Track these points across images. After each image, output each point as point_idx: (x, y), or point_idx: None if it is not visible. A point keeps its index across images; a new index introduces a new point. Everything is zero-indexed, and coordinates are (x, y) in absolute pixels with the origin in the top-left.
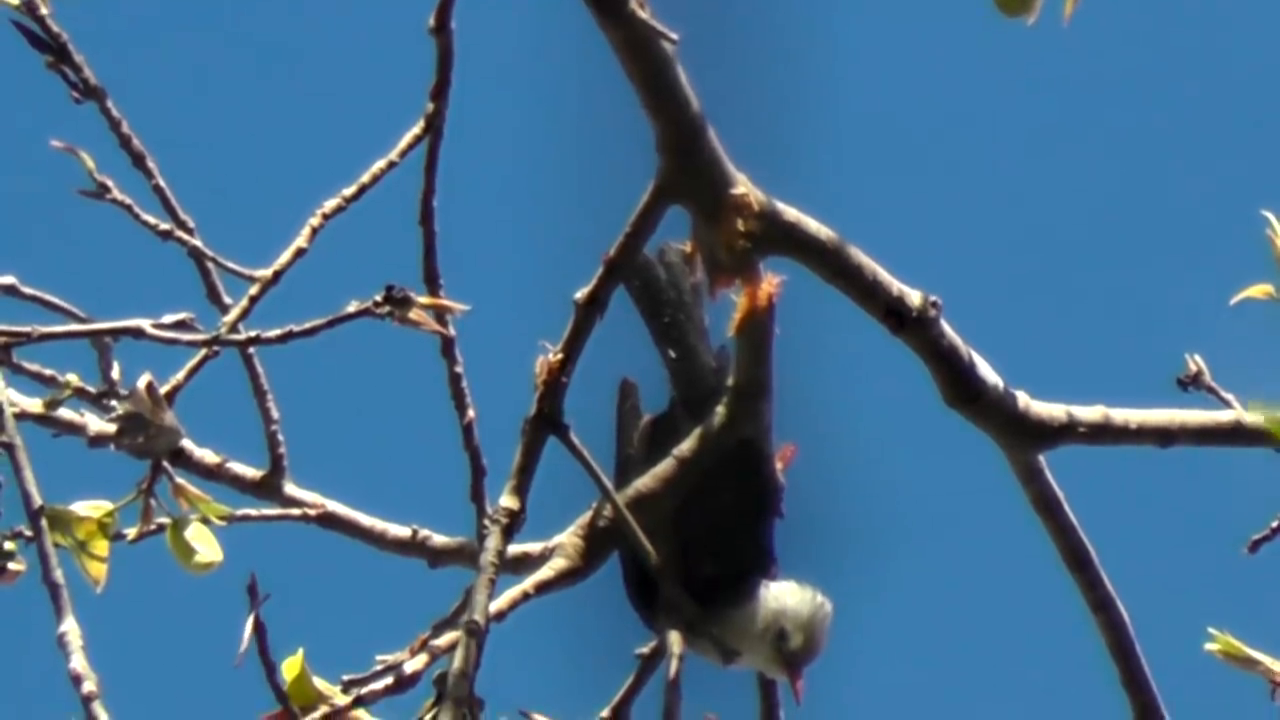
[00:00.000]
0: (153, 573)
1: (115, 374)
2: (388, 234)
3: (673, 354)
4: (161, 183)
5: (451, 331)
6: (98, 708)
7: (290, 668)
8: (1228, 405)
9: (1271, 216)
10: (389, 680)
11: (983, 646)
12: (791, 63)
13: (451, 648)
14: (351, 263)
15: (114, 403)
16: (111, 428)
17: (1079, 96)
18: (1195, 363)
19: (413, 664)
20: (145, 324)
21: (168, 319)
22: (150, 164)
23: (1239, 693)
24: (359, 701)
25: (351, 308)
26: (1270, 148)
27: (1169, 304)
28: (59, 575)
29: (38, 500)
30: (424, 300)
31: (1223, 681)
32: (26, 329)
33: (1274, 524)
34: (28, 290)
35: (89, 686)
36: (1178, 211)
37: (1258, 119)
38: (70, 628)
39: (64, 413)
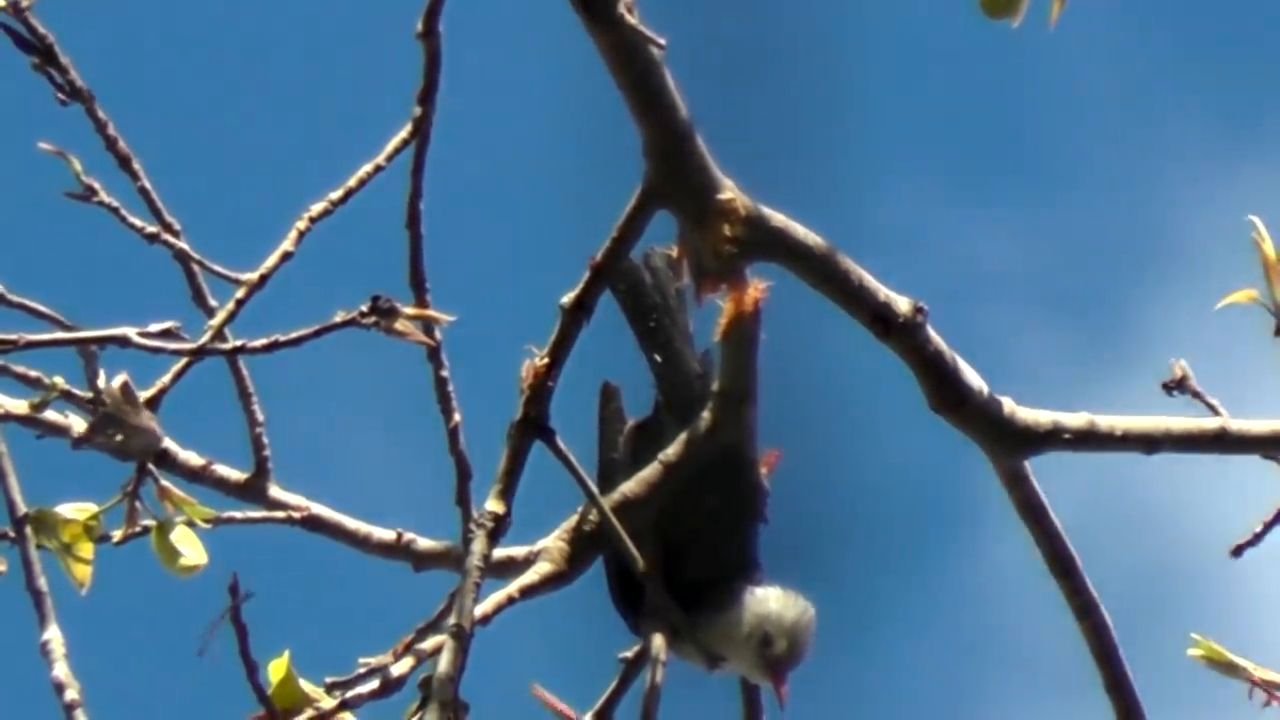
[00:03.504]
0: (137, 576)
1: (101, 382)
2: (374, 238)
3: (658, 358)
4: (148, 185)
5: (438, 336)
6: (80, 716)
7: (276, 670)
8: (1213, 410)
9: (1258, 222)
10: (375, 684)
11: (967, 651)
12: (780, 70)
13: (437, 651)
14: (337, 266)
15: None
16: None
17: (1063, 99)
18: (1180, 367)
19: (399, 667)
20: (131, 332)
21: (154, 327)
22: (136, 166)
23: (1221, 698)
24: (345, 705)
25: (338, 318)
26: (1256, 153)
27: (1154, 310)
28: (43, 583)
29: (22, 507)
30: (410, 311)
31: (1206, 686)
32: (13, 336)
33: (1257, 529)
34: (14, 298)
35: (71, 695)
36: (1165, 217)
37: (1244, 124)
38: (53, 636)
39: (48, 414)
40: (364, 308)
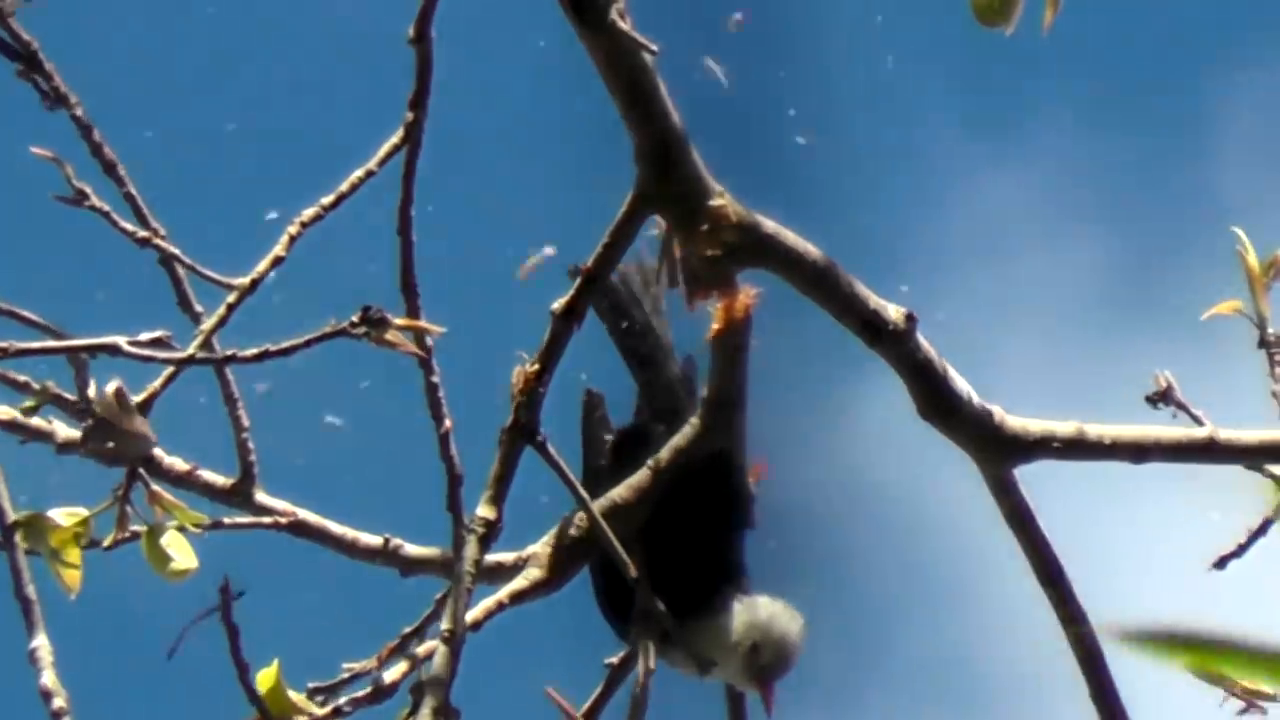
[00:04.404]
0: (125, 581)
1: (92, 390)
2: (365, 243)
3: (640, 367)
4: (133, 190)
5: (429, 343)
6: None
7: (264, 680)
8: (1197, 421)
9: (1240, 232)
10: (367, 689)
11: (954, 660)
12: (773, 78)
13: (428, 657)
14: (328, 272)
15: (90, 419)
16: (80, 435)
17: (1052, 111)
18: (1164, 379)
19: (391, 673)
20: (122, 341)
21: (144, 336)
22: (121, 171)
23: (1207, 708)
24: (337, 712)
25: (328, 327)
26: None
27: (1140, 320)
28: (31, 591)
29: (11, 514)
30: (401, 321)
31: (1191, 696)
32: (3, 344)
33: (1241, 540)
34: (2, 305)
35: (58, 703)
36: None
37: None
38: (41, 643)
39: (32, 419)
40: (354, 317)
